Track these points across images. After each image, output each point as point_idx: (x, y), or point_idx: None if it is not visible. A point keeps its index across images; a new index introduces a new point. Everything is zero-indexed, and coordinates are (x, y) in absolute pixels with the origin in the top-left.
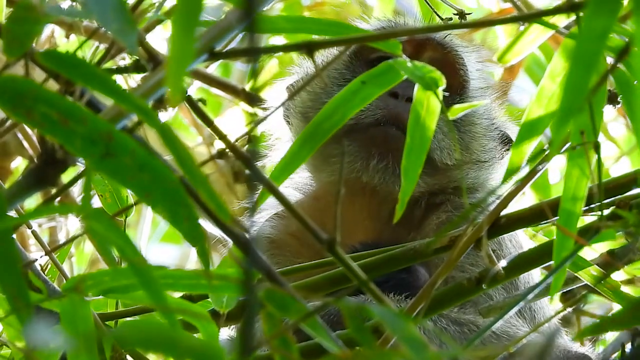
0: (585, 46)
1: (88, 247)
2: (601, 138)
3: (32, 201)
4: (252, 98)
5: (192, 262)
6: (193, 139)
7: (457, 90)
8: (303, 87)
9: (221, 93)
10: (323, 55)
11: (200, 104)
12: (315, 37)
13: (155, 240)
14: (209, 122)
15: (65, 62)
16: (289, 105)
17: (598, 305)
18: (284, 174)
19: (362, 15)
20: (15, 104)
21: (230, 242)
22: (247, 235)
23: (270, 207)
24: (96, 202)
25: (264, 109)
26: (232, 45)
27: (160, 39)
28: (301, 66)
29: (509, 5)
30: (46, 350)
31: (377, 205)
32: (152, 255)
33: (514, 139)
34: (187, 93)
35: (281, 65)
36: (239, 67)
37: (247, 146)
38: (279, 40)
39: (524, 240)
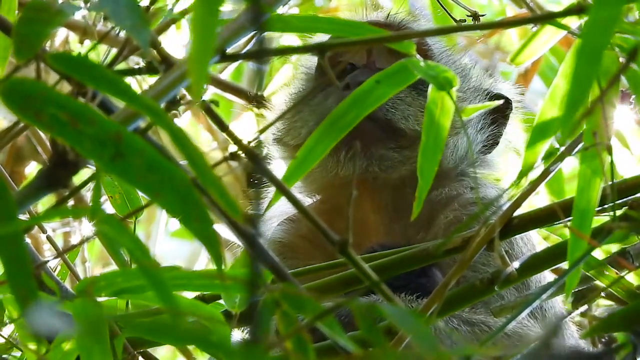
0: (590, 39)
1: (98, 244)
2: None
3: (47, 206)
4: (260, 101)
5: (204, 257)
6: (207, 144)
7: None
8: (294, 106)
9: (233, 97)
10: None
11: (212, 106)
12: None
13: (166, 236)
14: (223, 126)
15: (76, 65)
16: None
17: (611, 310)
18: (296, 175)
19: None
20: (24, 105)
21: (242, 243)
22: (255, 233)
23: (280, 213)
24: (107, 204)
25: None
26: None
27: (173, 42)
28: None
29: (524, 10)
30: (60, 353)
31: (377, 196)
32: (165, 252)
33: (510, 97)
34: (201, 97)
35: (295, 70)
36: (251, 69)
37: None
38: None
39: (535, 238)
